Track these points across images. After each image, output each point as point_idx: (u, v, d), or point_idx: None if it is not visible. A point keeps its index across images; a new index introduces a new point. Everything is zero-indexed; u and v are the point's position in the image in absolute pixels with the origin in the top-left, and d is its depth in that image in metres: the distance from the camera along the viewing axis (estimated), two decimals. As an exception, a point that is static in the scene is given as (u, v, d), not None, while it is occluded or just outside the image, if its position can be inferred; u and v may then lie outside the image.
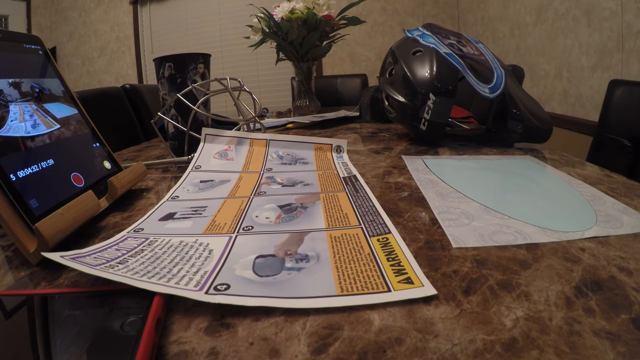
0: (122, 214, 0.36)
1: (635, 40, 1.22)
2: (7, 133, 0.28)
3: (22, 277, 0.24)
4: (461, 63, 0.55)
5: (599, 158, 0.90)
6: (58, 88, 0.38)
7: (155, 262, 0.23)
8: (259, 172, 0.46)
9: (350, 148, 0.59)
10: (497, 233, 0.27)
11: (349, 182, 0.40)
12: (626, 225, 0.28)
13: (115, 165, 0.41)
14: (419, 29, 0.65)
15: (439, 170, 0.44)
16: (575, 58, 1.50)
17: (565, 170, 0.44)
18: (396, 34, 2.71)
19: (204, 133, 0.51)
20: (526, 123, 0.54)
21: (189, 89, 0.54)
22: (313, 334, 0.17)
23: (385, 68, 0.66)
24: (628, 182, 0.39)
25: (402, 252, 0.24)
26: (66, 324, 0.18)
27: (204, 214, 0.32)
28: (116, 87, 1.38)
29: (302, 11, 1.00)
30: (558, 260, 0.23)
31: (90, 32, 3.08)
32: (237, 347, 0.17)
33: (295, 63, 1.09)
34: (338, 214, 0.31)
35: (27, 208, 0.26)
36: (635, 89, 0.86)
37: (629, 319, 0.18)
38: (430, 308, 0.19)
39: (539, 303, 0.19)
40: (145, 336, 0.16)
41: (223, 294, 0.20)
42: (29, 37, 0.36)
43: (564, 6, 1.55)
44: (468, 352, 0.16)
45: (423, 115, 0.56)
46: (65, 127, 0.36)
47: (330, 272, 0.22)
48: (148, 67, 3.04)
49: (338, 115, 0.94)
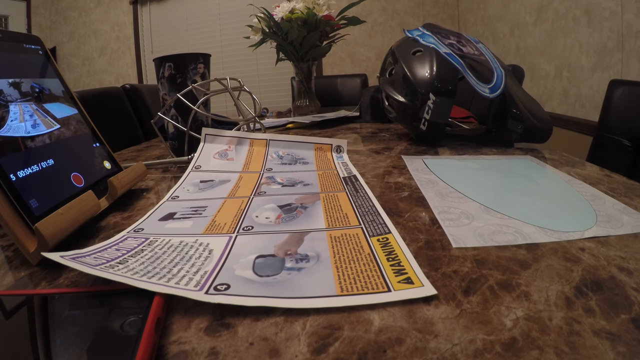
0: (122, 214, 0.36)
1: (635, 40, 1.22)
2: (7, 133, 0.28)
3: (22, 277, 0.24)
4: (461, 63, 0.55)
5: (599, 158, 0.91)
6: (58, 88, 0.38)
7: (155, 262, 0.23)
8: (259, 172, 0.46)
9: (350, 148, 0.59)
10: (497, 233, 0.27)
11: (349, 182, 0.40)
12: (626, 225, 0.28)
13: (115, 165, 0.41)
14: (419, 29, 0.65)
15: (439, 170, 0.44)
16: (575, 58, 1.50)
17: (565, 170, 0.44)
18: (396, 34, 2.71)
19: (204, 133, 0.51)
20: (526, 123, 0.54)
21: (189, 89, 0.54)
22: (313, 334, 0.17)
23: (385, 68, 0.66)
24: (628, 182, 0.39)
25: (402, 252, 0.24)
26: (66, 324, 0.18)
27: (204, 214, 0.32)
28: (116, 87, 1.39)
29: (302, 11, 1.00)
30: (558, 260, 0.23)
31: (90, 32, 3.09)
32: (237, 347, 0.17)
33: (295, 63, 1.09)
34: (338, 214, 0.31)
35: (27, 208, 0.26)
36: (635, 89, 0.86)
37: (629, 319, 0.18)
38: (430, 308, 0.19)
39: (539, 303, 0.19)
40: (145, 336, 0.16)
41: (223, 294, 0.20)
42: (29, 37, 0.36)
43: (564, 6, 1.55)
44: (468, 352, 0.16)
45: (423, 115, 0.56)
46: (65, 127, 0.36)
47: (330, 272, 0.22)
48: (148, 67, 3.04)
49: (338, 115, 0.94)
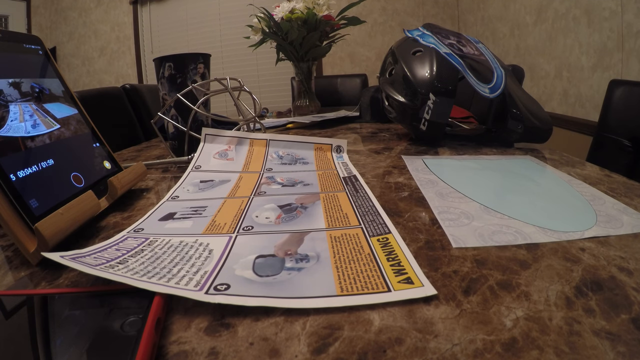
0: (122, 214, 0.36)
1: (635, 40, 1.22)
2: (7, 133, 0.28)
3: (22, 277, 0.24)
4: (461, 63, 0.55)
5: (599, 158, 0.91)
6: (58, 88, 0.38)
7: (155, 262, 0.23)
8: (259, 172, 0.46)
9: (350, 148, 0.59)
10: (497, 233, 0.27)
11: (349, 182, 0.40)
12: (626, 225, 0.28)
13: (115, 165, 0.41)
14: (419, 29, 0.65)
15: (439, 170, 0.44)
16: (575, 58, 1.50)
17: (565, 170, 0.44)
18: (396, 34, 2.71)
19: (204, 133, 0.51)
20: (526, 123, 0.54)
21: (189, 89, 0.54)
22: (313, 334, 0.17)
23: (385, 68, 0.66)
24: (628, 182, 0.39)
25: (402, 252, 0.24)
26: (66, 324, 0.18)
27: (204, 214, 0.32)
28: (116, 87, 1.39)
29: (302, 11, 1.00)
30: (558, 260, 0.23)
31: (90, 32, 3.09)
32: (237, 347, 0.17)
33: (295, 63, 1.09)
34: (338, 214, 0.31)
35: (27, 208, 0.26)
36: (635, 89, 0.86)
37: (629, 319, 0.18)
38: (430, 308, 0.19)
39: (539, 303, 0.19)
40: (145, 336, 0.16)
41: (223, 294, 0.20)
42: (29, 37, 0.36)
43: (564, 6, 1.55)
44: (468, 352, 0.16)
45: (423, 115, 0.56)
46: (65, 127, 0.36)
47: (330, 272, 0.22)
48: (148, 67, 3.04)
49: (338, 115, 0.94)
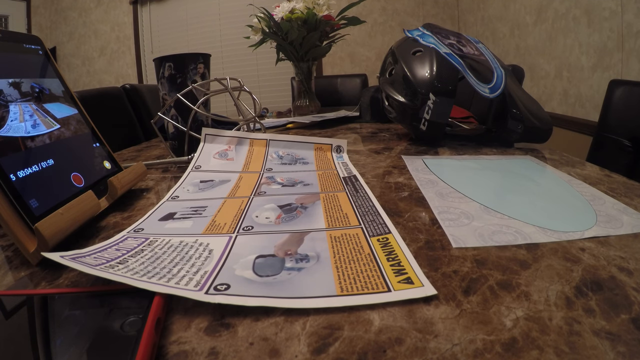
0: (122, 214, 0.36)
1: (635, 40, 1.22)
2: (7, 133, 0.28)
3: (22, 277, 0.24)
4: (461, 63, 0.55)
5: (599, 158, 0.91)
6: (58, 88, 0.38)
7: (155, 262, 0.23)
8: (259, 172, 0.46)
9: (350, 148, 0.59)
10: (497, 233, 0.27)
11: (349, 182, 0.40)
12: (626, 225, 0.28)
13: (115, 165, 0.41)
14: (419, 29, 0.65)
15: (439, 170, 0.44)
16: (575, 58, 1.50)
17: (565, 170, 0.44)
18: (396, 34, 2.71)
19: (204, 133, 0.51)
20: (526, 123, 0.54)
21: (189, 89, 0.54)
22: (313, 334, 0.17)
23: (385, 68, 0.66)
24: (628, 182, 0.39)
25: (402, 252, 0.24)
26: (66, 324, 0.18)
27: (204, 214, 0.32)
28: (116, 87, 1.39)
29: (302, 11, 1.00)
30: (558, 260, 0.23)
31: (90, 32, 3.09)
32: (237, 347, 0.17)
33: (295, 63, 1.09)
34: (338, 214, 0.31)
35: (27, 208, 0.26)
36: (635, 89, 0.86)
37: (629, 319, 0.18)
38: (430, 308, 0.19)
39: (539, 303, 0.19)
40: (145, 336, 0.16)
41: (223, 294, 0.20)
42: (29, 37, 0.36)
43: (564, 6, 1.55)
44: (468, 352, 0.16)
45: (423, 115, 0.56)
46: (65, 127, 0.36)
47: (330, 272, 0.22)
48: (148, 67, 3.04)
49: (338, 115, 0.94)
